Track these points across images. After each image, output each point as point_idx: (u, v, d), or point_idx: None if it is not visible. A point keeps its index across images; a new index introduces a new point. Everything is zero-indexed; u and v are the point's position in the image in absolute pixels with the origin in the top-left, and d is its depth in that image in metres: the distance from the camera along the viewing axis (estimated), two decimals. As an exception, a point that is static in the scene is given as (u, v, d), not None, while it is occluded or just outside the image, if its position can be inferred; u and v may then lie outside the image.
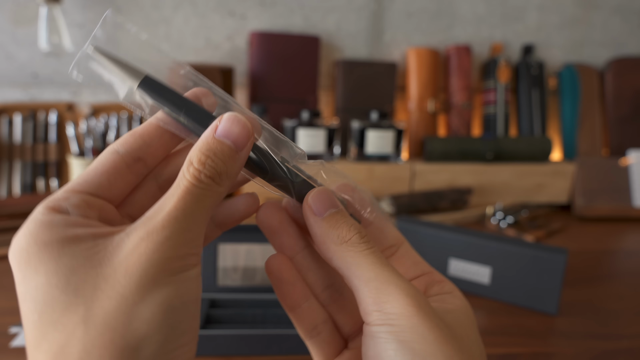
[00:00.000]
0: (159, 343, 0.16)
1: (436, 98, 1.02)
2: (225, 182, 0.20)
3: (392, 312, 0.18)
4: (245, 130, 0.20)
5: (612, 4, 1.07)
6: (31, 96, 0.95)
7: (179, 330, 0.17)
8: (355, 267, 0.20)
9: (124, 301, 0.16)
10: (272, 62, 0.97)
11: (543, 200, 0.98)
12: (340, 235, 0.20)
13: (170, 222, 0.17)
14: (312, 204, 0.21)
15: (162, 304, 0.17)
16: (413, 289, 0.19)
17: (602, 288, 0.64)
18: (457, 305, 0.22)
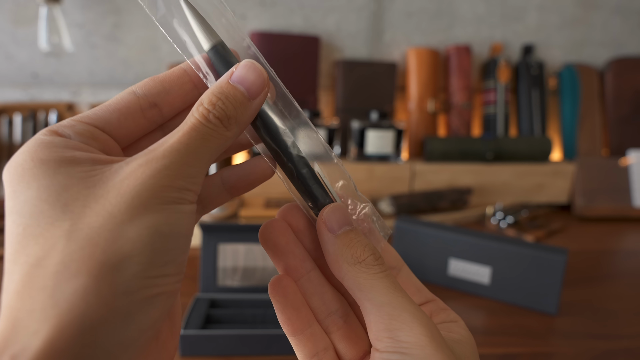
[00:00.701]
0: (141, 265, 0.16)
1: (436, 98, 1.02)
2: (233, 127, 0.19)
3: (405, 341, 0.18)
4: (260, 79, 0.20)
5: (612, 4, 1.07)
6: (31, 96, 0.95)
7: (163, 257, 0.16)
8: (367, 290, 0.19)
9: (111, 219, 0.16)
10: (272, 62, 0.97)
11: (543, 200, 0.98)
12: (355, 255, 0.20)
13: (171, 152, 0.17)
14: (327, 220, 0.21)
15: (150, 227, 0.16)
16: (426, 317, 0.19)
17: (602, 288, 0.64)
18: (463, 335, 0.21)
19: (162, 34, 0.96)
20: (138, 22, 0.94)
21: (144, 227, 0.16)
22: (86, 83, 0.96)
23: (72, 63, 0.95)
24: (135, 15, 0.94)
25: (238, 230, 0.56)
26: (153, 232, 0.16)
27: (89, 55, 0.95)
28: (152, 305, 0.16)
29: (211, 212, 0.81)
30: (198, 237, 0.75)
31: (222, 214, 0.81)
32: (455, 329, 0.22)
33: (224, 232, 0.56)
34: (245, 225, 0.58)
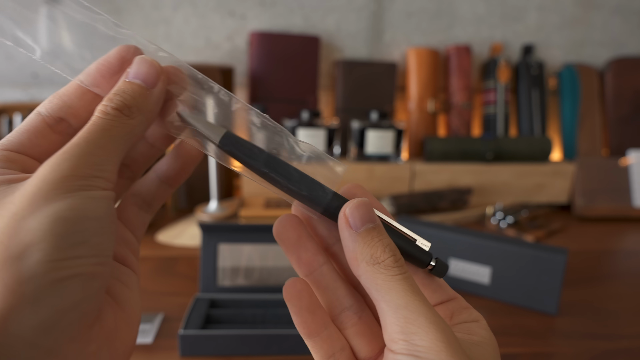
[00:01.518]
0: (45, 251, 0.16)
1: (436, 98, 1.02)
2: (136, 115, 0.20)
3: (420, 345, 0.18)
4: (153, 69, 0.22)
5: (612, 4, 1.07)
6: (31, 96, 0.95)
7: (69, 240, 0.17)
8: (385, 291, 0.19)
9: (12, 217, 0.17)
10: (272, 62, 0.97)
11: (543, 200, 0.98)
12: (375, 255, 0.20)
13: (71, 147, 0.18)
14: (350, 216, 0.20)
15: (50, 215, 0.17)
16: (443, 323, 0.19)
17: (602, 288, 0.64)
18: (484, 337, 0.21)
19: (162, 34, 0.96)
20: (138, 22, 0.94)
21: (45, 216, 0.17)
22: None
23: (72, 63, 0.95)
24: (135, 15, 0.94)
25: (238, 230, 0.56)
26: (54, 219, 0.17)
27: (89, 55, 0.95)
28: (65, 287, 0.16)
29: (211, 212, 0.81)
30: (198, 237, 0.75)
31: (222, 214, 0.81)
32: (475, 330, 0.21)
33: (224, 232, 0.56)
34: (245, 225, 0.58)
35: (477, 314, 0.22)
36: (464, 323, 0.22)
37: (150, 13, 0.94)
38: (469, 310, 0.22)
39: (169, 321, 0.52)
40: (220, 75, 0.88)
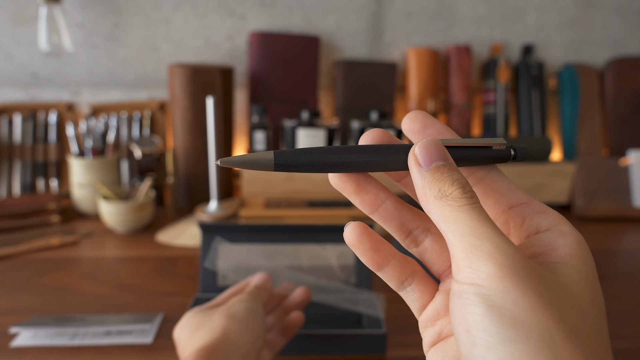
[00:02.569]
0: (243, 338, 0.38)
1: (436, 98, 1.02)
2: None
3: (483, 271, 0.17)
4: (264, 277, 0.46)
5: (612, 4, 1.07)
6: (31, 96, 0.95)
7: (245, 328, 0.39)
8: (452, 222, 0.18)
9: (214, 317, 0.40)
10: (272, 62, 0.97)
11: (543, 200, 0.98)
12: (442, 189, 0.19)
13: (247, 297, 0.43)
14: (419, 154, 0.20)
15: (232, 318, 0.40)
16: (512, 248, 0.17)
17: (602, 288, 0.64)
18: (569, 252, 0.19)
19: (162, 34, 0.96)
20: (138, 22, 0.94)
21: (223, 322, 0.39)
22: (86, 83, 0.96)
23: (72, 63, 0.95)
24: (135, 15, 0.94)
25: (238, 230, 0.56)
26: (230, 321, 0.40)
27: (89, 55, 0.95)
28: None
29: (211, 212, 0.81)
30: (198, 237, 0.75)
31: (222, 214, 0.81)
32: (556, 242, 0.19)
33: (224, 232, 0.56)
34: (245, 225, 0.58)
35: (553, 218, 0.20)
36: (541, 234, 0.20)
37: (150, 13, 0.94)
38: (544, 214, 0.20)
39: (169, 321, 0.52)
40: (220, 75, 0.88)
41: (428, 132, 0.23)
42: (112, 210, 0.76)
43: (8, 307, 0.55)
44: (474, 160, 0.22)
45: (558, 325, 0.16)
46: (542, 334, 0.15)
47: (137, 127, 0.94)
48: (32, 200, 0.84)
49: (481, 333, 0.16)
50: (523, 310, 0.16)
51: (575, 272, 0.18)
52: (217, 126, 0.79)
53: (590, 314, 0.17)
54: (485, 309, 0.16)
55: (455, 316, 0.17)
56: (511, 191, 0.22)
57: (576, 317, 0.17)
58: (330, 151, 0.21)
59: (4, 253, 0.68)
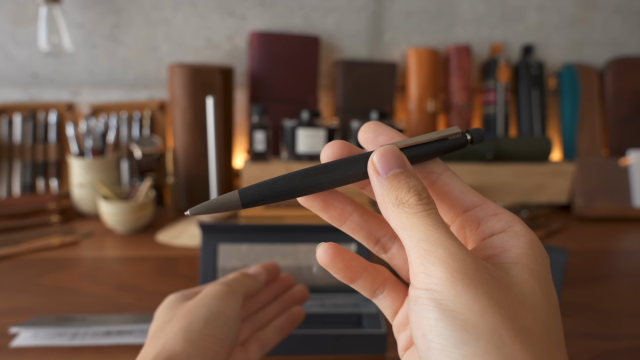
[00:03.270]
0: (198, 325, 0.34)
1: (436, 98, 1.02)
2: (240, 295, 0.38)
3: (436, 276, 0.17)
4: (259, 269, 0.41)
5: (612, 4, 1.07)
6: (31, 96, 0.95)
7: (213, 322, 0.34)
8: (408, 228, 0.19)
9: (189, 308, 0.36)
10: (272, 62, 0.97)
11: (543, 200, 0.98)
12: (399, 196, 0.20)
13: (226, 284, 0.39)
14: (377, 162, 0.21)
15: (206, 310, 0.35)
16: (463, 252, 0.18)
17: (601, 288, 0.64)
18: (520, 253, 0.19)
19: (162, 34, 0.96)
20: (138, 22, 0.94)
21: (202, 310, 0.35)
22: (86, 83, 0.96)
23: (72, 63, 0.95)
24: (135, 15, 0.94)
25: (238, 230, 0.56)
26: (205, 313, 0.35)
27: (89, 55, 0.95)
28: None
29: (211, 212, 0.81)
30: (198, 237, 0.75)
31: (222, 214, 0.81)
32: (509, 243, 0.20)
33: (224, 232, 0.56)
34: (245, 225, 0.58)
35: (507, 220, 0.21)
36: (495, 236, 0.21)
37: (150, 13, 0.94)
38: (497, 216, 0.21)
39: (169, 321, 0.52)
40: (220, 75, 0.88)
41: (379, 140, 0.23)
42: (112, 210, 0.76)
43: (8, 307, 0.55)
44: (434, 153, 0.23)
45: (507, 325, 0.16)
46: (491, 335, 0.16)
47: (137, 127, 0.94)
48: (32, 200, 0.84)
49: (436, 337, 0.16)
50: (473, 313, 0.16)
51: (527, 270, 0.19)
52: (217, 126, 0.79)
53: (542, 311, 0.18)
54: (438, 313, 0.17)
55: (412, 321, 0.18)
56: (464, 194, 0.22)
57: (526, 315, 0.17)
58: (292, 179, 0.22)
59: (4, 253, 0.68)
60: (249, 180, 0.89)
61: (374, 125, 0.24)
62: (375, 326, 0.48)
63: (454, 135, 0.23)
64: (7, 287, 0.60)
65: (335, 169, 0.22)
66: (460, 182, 0.23)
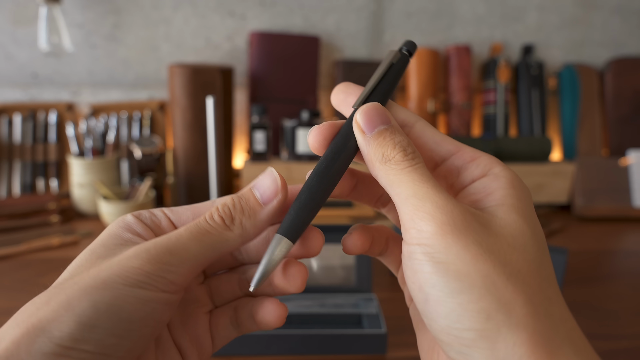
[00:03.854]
0: (61, 333, 0.16)
1: (436, 98, 1.02)
2: (236, 229, 0.20)
3: (426, 231, 0.18)
4: (274, 185, 0.21)
5: (612, 4, 1.07)
6: (31, 96, 0.95)
7: (86, 333, 0.17)
8: (396, 185, 0.19)
9: (75, 287, 0.18)
10: (272, 62, 0.97)
11: (543, 200, 0.98)
12: (385, 153, 0.20)
13: (161, 240, 0.19)
14: (361, 121, 0.21)
15: (90, 301, 0.17)
16: (450, 204, 0.18)
17: (602, 288, 0.64)
18: (503, 193, 0.19)
19: (162, 34, 0.96)
20: (138, 22, 0.94)
21: (87, 299, 0.17)
22: (86, 83, 0.96)
23: (72, 63, 0.95)
24: (135, 15, 0.94)
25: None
26: (89, 306, 0.17)
27: (88, 55, 0.95)
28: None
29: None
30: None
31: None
32: (491, 186, 0.20)
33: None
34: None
35: (485, 163, 0.21)
36: (477, 181, 0.21)
37: (150, 13, 0.94)
38: (475, 162, 0.21)
39: (169, 321, 0.52)
40: (220, 75, 0.88)
41: (349, 100, 0.23)
42: (112, 210, 0.76)
43: (8, 307, 0.55)
44: (393, 83, 0.23)
45: (498, 270, 0.17)
46: (484, 281, 0.16)
47: (137, 127, 0.94)
48: (32, 200, 0.84)
49: (431, 289, 0.17)
50: (465, 263, 0.17)
51: (514, 210, 0.19)
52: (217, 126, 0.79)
53: (532, 250, 0.18)
54: (432, 266, 0.17)
55: (408, 276, 0.18)
56: (439, 144, 0.22)
57: (517, 257, 0.17)
58: (312, 188, 0.21)
59: (4, 253, 0.68)
60: (249, 180, 0.89)
61: (344, 86, 0.24)
62: (375, 326, 0.48)
63: (395, 57, 0.24)
64: (7, 287, 0.60)
65: (336, 154, 0.22)
66: (434, 131, 0.22)
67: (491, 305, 0.16)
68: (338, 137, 0.22)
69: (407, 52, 0.24)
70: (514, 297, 0.16)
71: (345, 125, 0.22)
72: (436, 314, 0.17)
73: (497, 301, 0.16)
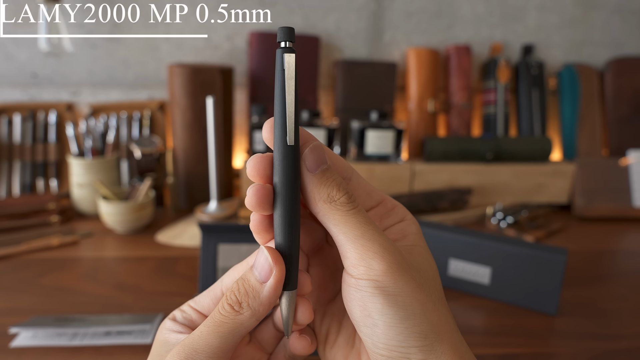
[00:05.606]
0: None
1: (436, 98, 1.02)
2: (245, 310, 0.22)
3: (377, 269, 0.21)
4: (266, 263, 0.22)
5: (612, 4, 1.06)
6: (31, 96, 0.95)
7: None
8: (342, 225, 0.22)
9: None
10: (272, 62, 0.97)
11: (543, 200, 0.98)
12: (331, 194, 0.22)
13: (187, 341, 0.22)
14: (306, 159, 0.22)
15: None
16: (393, 246, 0.21)
17: (602, 288, 0.64)
18: (415, 237, 0.25)
19: (162, 34, 0.96)
20: (138, 23, 0.94)
21: None
22: (86, 83, 0.96)
23: (72, 63, 0.95)
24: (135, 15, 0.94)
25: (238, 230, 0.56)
26: None
27: (88, 55, 0.95)
28: None
29: (211, 212, 0.81)
30: (198, 237, 0.75)
31: (221, 214, 0.81)
32: (407, 229, 0.25)
33: (224, 232, 0.56)
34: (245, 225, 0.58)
35: (403, 211, 0.26)
36: (396, 224, 0.25)
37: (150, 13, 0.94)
38: (395, 209, 0.26)
39: (168, 321, 0.52)
40: (220, 75, 0.88)
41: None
42: (112, 211, 0.76)
43: (8, 307, 0.55)
44: (295, 88, 0.22)
45: (428, 299, 0.21)
46: (422, 309, 0.21)
47: (137, 127, 0.94)
48: (31, 200, 0.84)
49: (381, 316, 0.20)
50: (407, 295, 0.21)
51: (423, 251, 0.24)
52: (217, 126, 0.79)
53: (437, 280, 0.24)
54: (383, 298, 0.20)
55: (355, 305, 0.21)
56: (370, 194, 0.25)
57: (433, 286, 0.23)
58: (288, 249, 0.23)
59: (3, 253, 0.68)
60: (249, 180, 0.89)
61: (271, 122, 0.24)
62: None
63: (280, 61, 0.21)
64: (7, 287, 0.60)
65: (291, 200, 0.22)
66: (365, 182, 0.25)
67: (427, 327, 0.21)
68: (289, 179, 0.22)
69: (287, 44, 0.21)
70: (439, 319, 0.21)
71: (286, 164, 0.22)
72: (384, 336, 0.20)
73: (430, 323, 0.21)
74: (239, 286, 0.23)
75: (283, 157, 0.22)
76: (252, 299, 0.22)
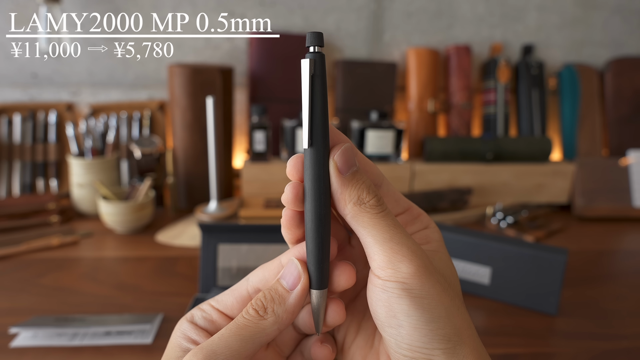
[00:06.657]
0: None
1: (436, 98, 1.02)
2: (269, 316, 0.22)
3: (405, 272, 0.21)
4: (296, 271, 0.23)
5: (612, 4, 1.06)
6: (31, 96, 0.95)
7: None
8: (371, 228, 0.22)
9: None
10: (272, 62, 0.97)
11: (543, 200, 0.98)
12: (361, 196, 0.22)
13: (209, 342, 0.22)
14: (338, 161, 0.23)
15: None
16: (420, 250, 0.22)
17: (602, 288, 0.64)
18: (438, 244, 0.25)
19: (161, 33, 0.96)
20: (138, 23, 0.94)
21: None
22: (86, 83, 0.96)
23: (72, 63, 0.95)
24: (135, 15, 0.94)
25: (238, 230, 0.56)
26: None
27: (88, 55, 0.95)
28: None
29: (211, 212, 0.81)
30: (198, 237, 0.75)
31: (221, 214, 0.81)
32: (431, 236, 0.26)
33: (224, 232, 0.56)
34: (245, 225, 0.58)
35: (427, 220, 0.26)
36: (421, 231, 0.26)
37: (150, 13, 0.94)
38: (420, 217, 0.26)
39: (168, 321, 0.52)
40: (220, 75, 0.88)
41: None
42: (112, 211, 0.76)
43: (8, 307, 0.55)
44: (323, 93, 0.22)
45: (452, 302, 0.22)
46: (446, 312, 0.21)
47: (137, 127, 0.94)
48: (31, 200, 0.84)
49: (407, 318, 0.21)
50: (433, 298, 0.21)
51: (445, 257, 0.25)
52: (217, 126, 0.79)
53: (456, 285, 0.24)
54: (410, 300, 0.21)
55: (380, 305, 0.22)
56: (398, 201, 0.26)
57: (454, 292, 0.23)
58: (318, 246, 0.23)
59: (4, 253, 0.68)
60: (249, 180, 0.89)
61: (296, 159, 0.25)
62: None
63: (311, 66, 0.22)
64: (7, 287, 0.60)
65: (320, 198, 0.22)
66: (394, 189, 0.26)
67: (451, 331, 0.21)
68: (313, 179, 0.22)
69: (316, 49, 0.22)
70: (462, 323, 0.22)
71: (315, 165, 0.22)
72: (409, 337, 0.21)
73: (454, 327, 0.21)
74: (265, 294, 0.23)
75: (312, 159, 0.22)
76: (278, 305, 0.23)
